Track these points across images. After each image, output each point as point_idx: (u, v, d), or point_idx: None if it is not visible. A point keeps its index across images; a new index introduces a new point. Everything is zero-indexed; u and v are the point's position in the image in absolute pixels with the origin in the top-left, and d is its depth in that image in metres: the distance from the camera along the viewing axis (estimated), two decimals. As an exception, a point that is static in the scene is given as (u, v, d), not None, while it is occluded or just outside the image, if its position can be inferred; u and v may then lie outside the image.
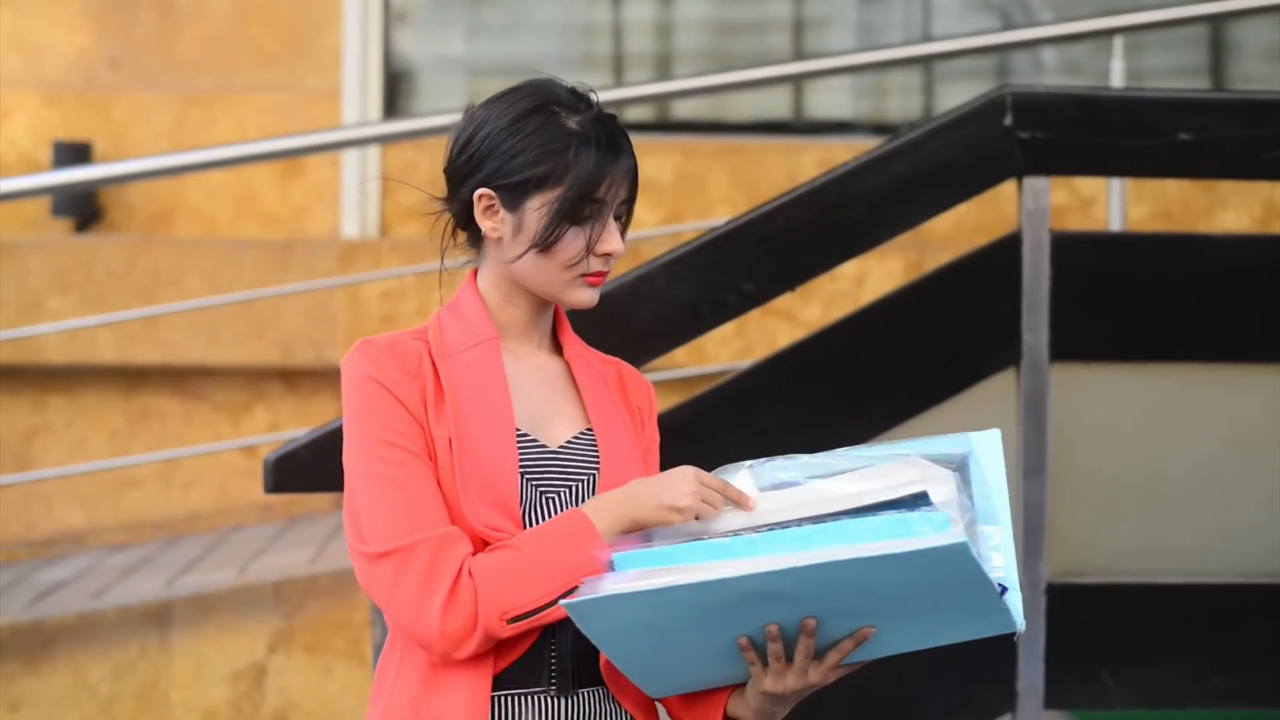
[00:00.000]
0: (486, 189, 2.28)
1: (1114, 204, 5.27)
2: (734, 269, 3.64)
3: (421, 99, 6.77)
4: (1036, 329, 3.70)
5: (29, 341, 5.78)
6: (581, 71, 6.83)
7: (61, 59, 6.51)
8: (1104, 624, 3.73)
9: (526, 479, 2.25)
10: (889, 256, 5.96)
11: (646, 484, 2.20)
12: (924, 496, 2.10)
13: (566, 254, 2.26)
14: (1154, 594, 3.74)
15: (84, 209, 6.41)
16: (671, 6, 6.95)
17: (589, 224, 2.26)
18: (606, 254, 2.28)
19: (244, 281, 5.87)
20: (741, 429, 3.64)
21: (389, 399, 2.24)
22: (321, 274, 5.90)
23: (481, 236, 2.33)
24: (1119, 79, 5.20)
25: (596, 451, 2.30)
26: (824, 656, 2.15)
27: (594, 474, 2.29)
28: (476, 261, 2.36)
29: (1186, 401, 3.77)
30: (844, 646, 2.15)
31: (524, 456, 2.25)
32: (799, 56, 6.77)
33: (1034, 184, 3.70)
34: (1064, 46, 6.75)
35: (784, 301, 5.00)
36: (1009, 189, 3.79)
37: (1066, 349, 3.71)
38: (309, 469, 3.49)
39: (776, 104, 6.86)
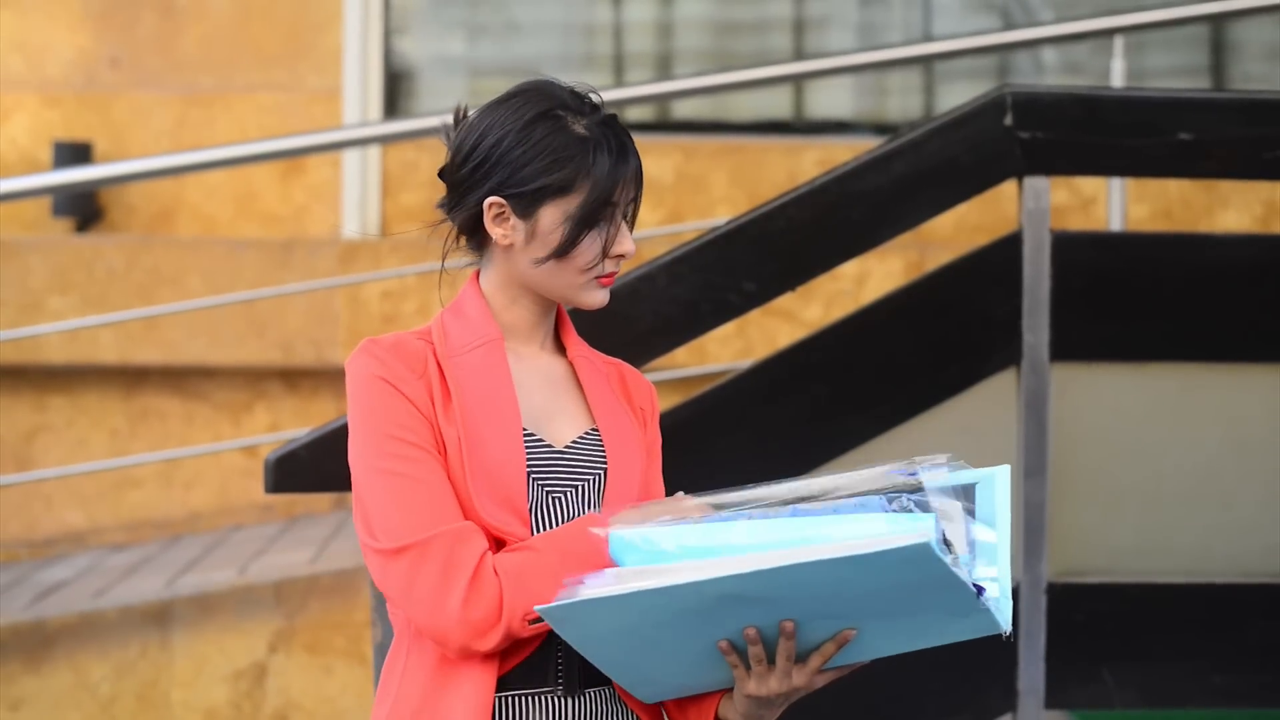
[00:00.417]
0: (497, 198, 2.27)
1: (1114, 204, 5.27)
2: (735, 269, 3.64)
3: (422, 99, 6.77)
4: (1037, 329, 3.70)
5: (29, 341, 5.78)
6: (582, 71, 6.83)
7: (62, 59, 6.51)
8: (1104, 623, 3.73)
9: (533, 479, 2.25)
10: (890, 256, 5.96)
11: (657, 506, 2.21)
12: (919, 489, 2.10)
13: (583, 259, 2.27)
14: (1154, 594, 3.74)
15: (84, 209, 6.41)
16: (672, 6, 6.95)
17: (604, 228, 2.27)
18: (620, 255, 2.29)
19: (244, 281, 5.87)
20: (742, 429, 3.64)
21: (397, 396, 2.23)
22: (322, 274, 5.90)
23: (484, 241, 2.33)
24: (1119, 79, 5.20)
25: (603, 451, 2.30)
26: (807, 659, 2.15)
27: (600, 474, 2.30)
28: (478, 263, 2.36)
29: (1187, 401, 3.77)
30: (826, 649, 2.14)
31: (531, 456, 2.25)
32: (799, 56, 6.77)
33: (1034, 184, 3.70)
34: (1064, 46, 6.75)
35: (785, 301, 5.00)
36: (1009, 189, 3.79)
37: (1067, 349, 3.71)
38: (309, 469, 3.49)
39: (777, 104, 6.86)
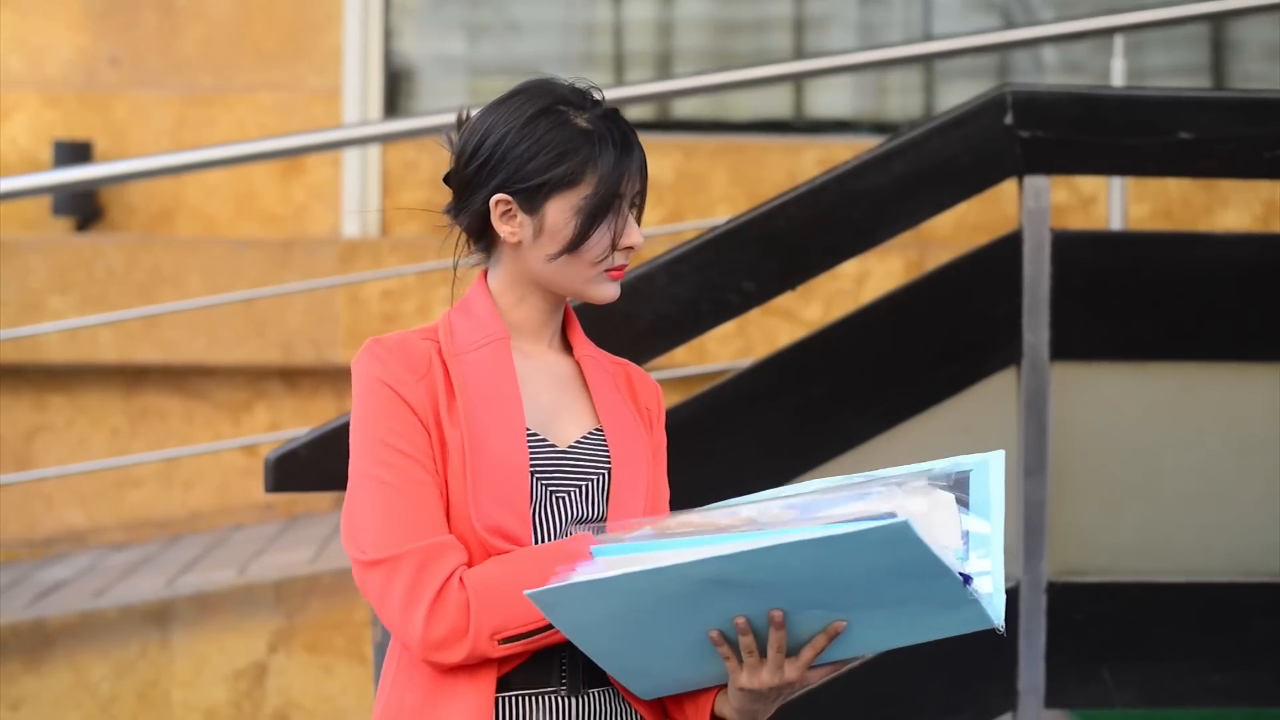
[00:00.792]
0: (504, 194, 2.27)
1: (1115, 203, 5.27)
2: (734, 268, 3.63)
3: (422, 98, 6.77)
4: (1037, 328, 3.70)
5: (29, 341, 5.78)
6: (582, 71, 6.80)
7: (62, 58, 6.51)
8: (1105, 623, 3.73)
9: (537, 479, 2.25)
10: (889, 255, 5.96)
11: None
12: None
13: (593, 252, 2.27)
14: (1154, 593, 3.74)
15: (84, 208, 6.41)
16: (672, 6, 6.95)
17: (611, 220, 2.27)
18: (629, 247, 2.29)
19: (244, 281, 5.87)
20: (742, 428, 3.64)
21: (395, 401, 2.23)
22: (322, 273, 5.90)
23: (492, 241, 2.33)
24: (1120, 78, 5.20)
25: (607, 451, 2.30)
26: (799, 653, 2.15)
27: (604, 473, 2.30)
28: (484, 262, 2.36)
29: (1187, 400, 3.77)
30: (817, 642, 2.14)
31: (534, 456, 2.25)
32: (799, 55, 6.77)
33: (1034, 183, 3.70)
34: (1065, 45, 6.75)
35: (784, 300, 5.00)
36: (1010, 188, 3.79)
37: (1067, 348, 3.71)
38: (309, 468, 3.49)
39: (777, 103, 6.85)
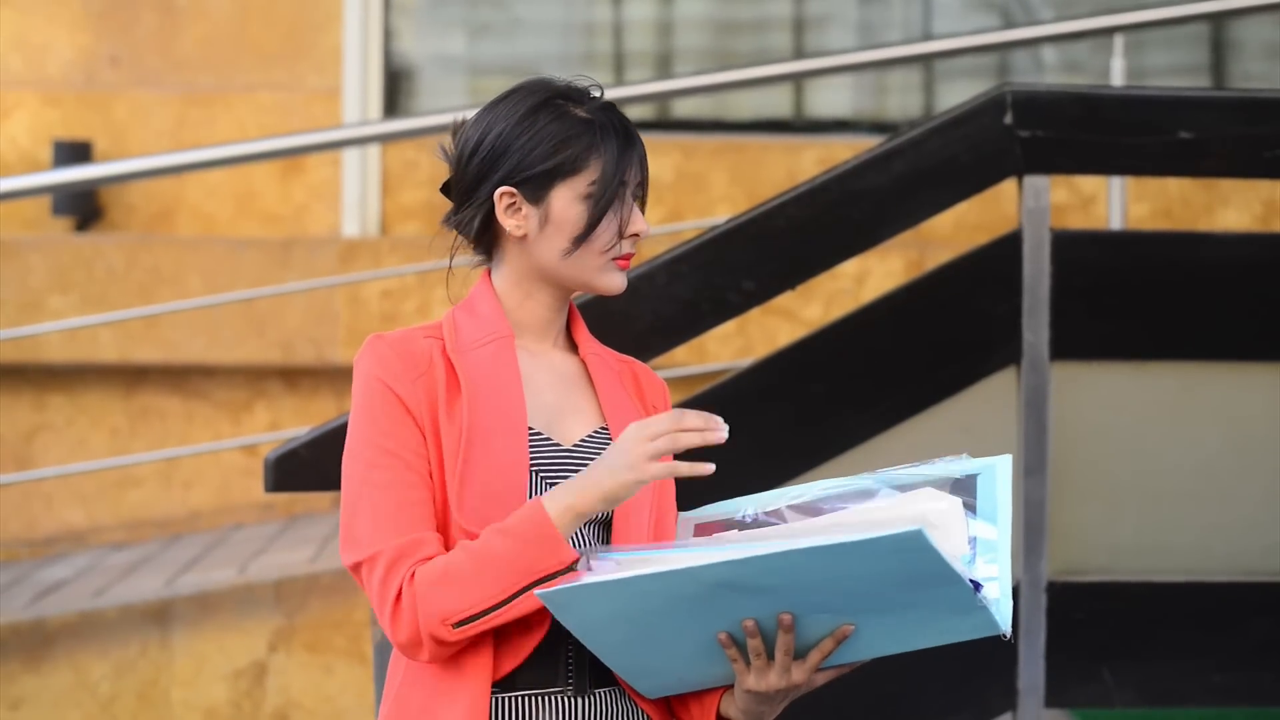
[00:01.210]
0: (508, 187, 2.28)
1: (1114, 202, 5.27)
2: (734, 267, 3.64)
3: (422, 98, 6.77)
4: (1037, 327, 3.70)
5: (29, 340, 5.78)
6: (582, 70, 6.81)
7: (62, 58, 6.51)
8: (1104, 622, 3.73)
9: (540, 477, 2.25)
10: (889, 255, 5.96)
11: (600, 463, 2.17)
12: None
13: (601, 240, 2.27)
14: (1154, 592, 3.74)
15: (84, 208, 6.41)
16: (672, 5, 6.95)
17: (618, 207, 2.28)
18: (635, 235, 2.29)
19: (244, 280, 5.87)
20: (742, 428, 3.62)
21: (390, 400, 2.24)
22: (322, 273, 5.90)
23: (495, 239, 2.33)
24: (1119, 77, 5.20)
25: None
26: (806, 656, 2.15)
27: None
28: (486, 262, 2.36)
29: (1187, 400, 3.77)
30: (825, 646, 2.14)
31: (537, 454, 2.25)
32: (799, 55, 6.77)
33: (1034, 182, 3.70)
34: (1064, 45, 6.75)
35: (784, 300, 4.99)
36: (1009, 187, 3.79)
37: (1067, 347, 3.71)
38: (309, 468, 3.49)
39: (777, 102, 6.85)
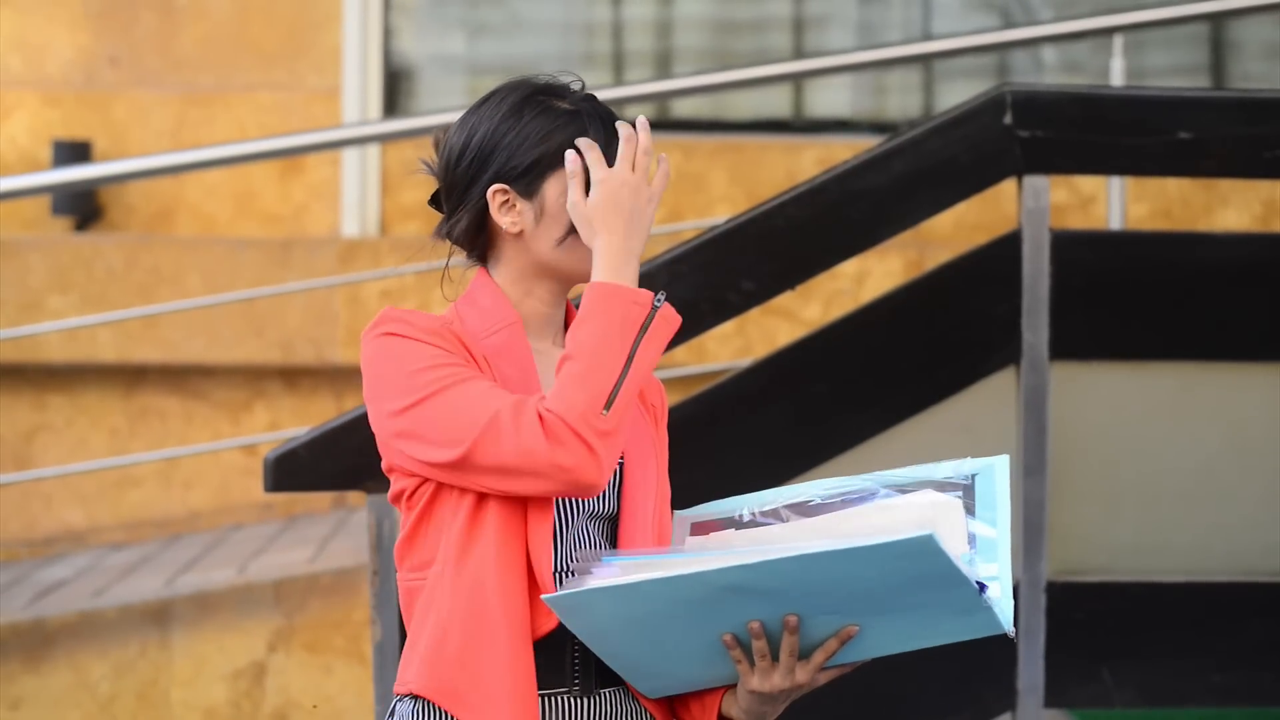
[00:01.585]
0: (500, 184, 2.28)
1: (1114, 202, 5.26)
2: (734, 267, 3.64)
3: (421, 98, 6.77)
4: (1036, 327, 3.70)
5: (29, 340, 5.77)
6: (581, 70, 6.80)
7: (61, 58, 6.51)
8: (1104, 622, 3.73)
9: None
10: (889, 255, 5.96)
11: (613, 217, 2.25)
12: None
13: None
14: (1154, 592, 3.74)
15: (84, 208, 6.41)
16: (671, 5, 6.95)
17: None
18: None
19: (244, 280, 5.87)
20: (742, 427, 3.64)
21: (414, 341, 2.22)
22: (321, 273, 5.90)
23: (491, 241, 2.32)
24: (1119, 77, 5.20)
25: None
26: (810, 656, 2.16)
27: (618, 466, 2.29)
28: (481, 264, 2.36)
29: (1186, 400, 3.77)
30: (829, 646, 2.15)
31: None
32: (799, 55, 6.77)
33: (1034, 182, 3.70)
34: (1064, 45, 6.75)
35: (784, 300, 4.99)
36: (1009, 187, 3.79)
37: (1066, 347, 3.71)
38: (309, 468, 3.49)
39: (776, 102, 6.85)
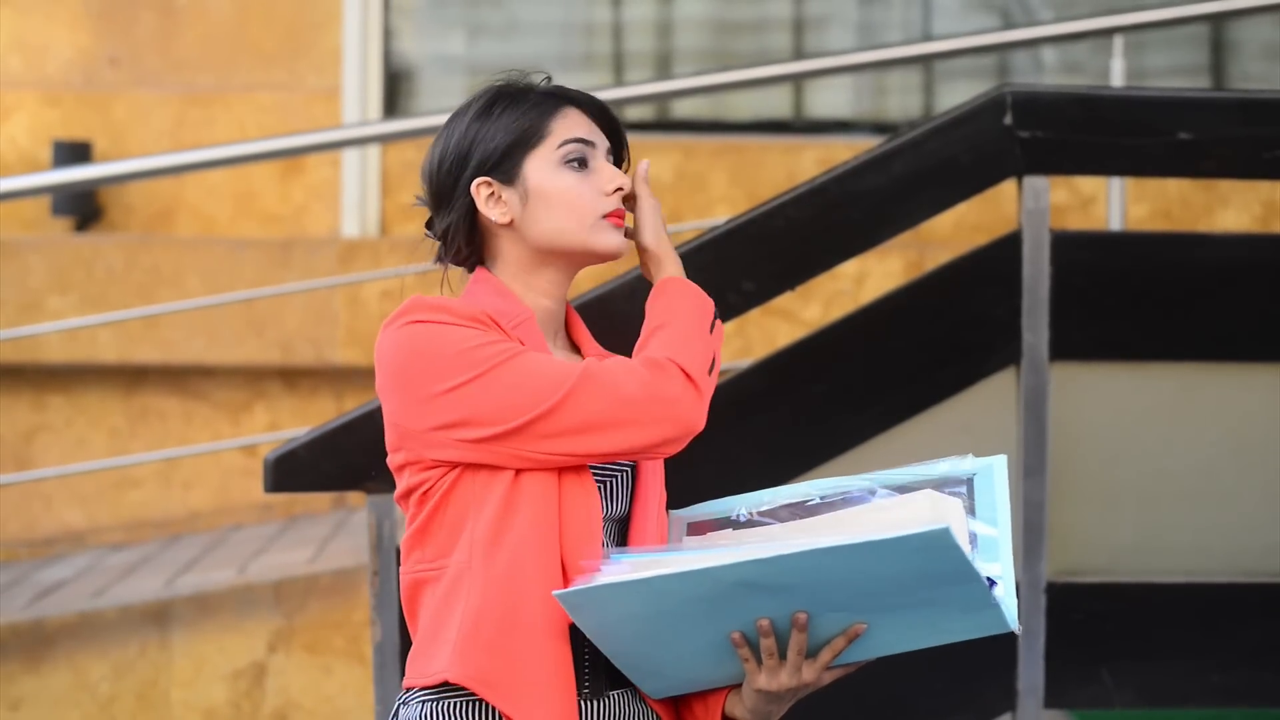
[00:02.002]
0: (482, 178, 2.30)
1: (1114, 203, 5.26)
2: (734, 268, 3.63)
3: (421, 98, 6.77)
4: (1036, 328, 3.69)
5: (29, 341, 5.77)
6: (581, 70, 6.83)
7: (61, 58, 6.51)
8: (1104, 623, 3.72)
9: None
10: (889, 256, 5.96)
11: (653, 241, 2.37)
12: None
13: (585, 197, 2.30)
14: (1154, 593, 3.74)
15: (84, 208, 6.41)
16: (671, 6, 6.95)
17: (591, 163, 2.31)
18: (618, 189, 2.32)
19: (244, 281, 5.87)
20: (741, 428, 3.63)
21: (455, 326, 2.24)
22: (321, 273, 5.90)
23: (485, 240, 2.33)
24: (1119, 78, 5.20)
25: None
26: (817, 654, 2.16)
27: (628, 470, 2.31)
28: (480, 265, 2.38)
29: (1186, 401, 3.77)
30: (836, 644, 2.15)
31: None
32: (799, 56, 6.77)
33: (1034, 183, 3.70)
34: (1064, 46, 6.75)
35: (784, 301, 4.99)
36: (1009, 188, 3.79)
37: (1066, 348, 3.71)
38: (309, 468, 3.49)
39: (776, 103, 6.85)
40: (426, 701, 2.24)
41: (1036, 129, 3.68)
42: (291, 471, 3.49)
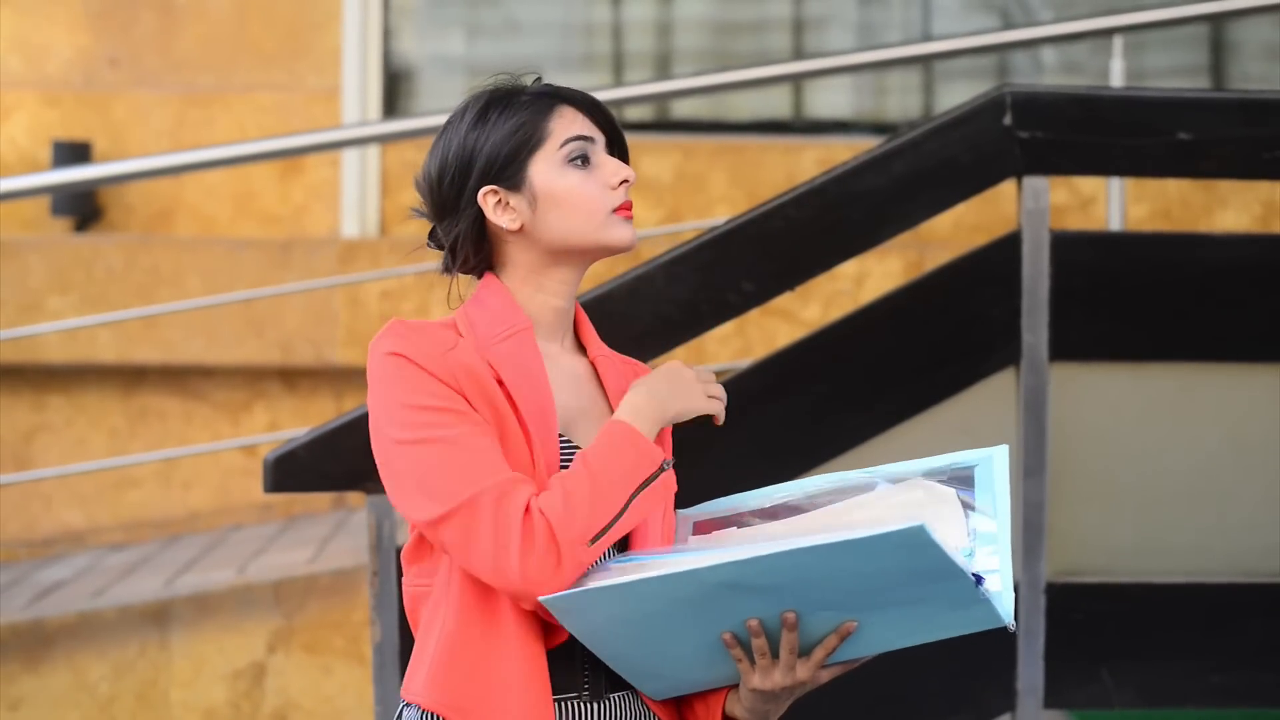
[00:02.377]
0: (488, 186, 2.29)
1: (1114, 203, 5.26)
2: (733, 268, 3.64)
3: (421, 98, 6.77)
4: (1036, 328, 3.70)
5: (29, 341, 5.78)
6: (581, 71, 6.83)
7: (61, 58, 6.51)
8: (1103, 623, 3.73)
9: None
10: (888, 256, 5.96)
11: (653, 389, 2.27)
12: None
13: (593, 193, 2.29)
14: (1153, 593, 3.74)
15: (83, 208, 6.41)
16: (671, 6, 6.95)
17: (594, 159, 2.30)
18: (624, 181, 2.31)
19: (243, 281, 5.87)
20: (741, 428, 3.63)
21: (421, 371, 2.21)
22: (321, 273, 5.90)
23: (494, 247, 2.33)
24: (1119, 78, 5.20)
25: None
26: (810, 653, 2.16)
27: None
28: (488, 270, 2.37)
29: (1186, 401, 3.77)
30: (829, 642, 2.15)
31: (562, 459, 2.25)
32: (798, 56, 6.77)
33: (1034, 183, 3.70)
34: (1064, 46, 6.75)
35: (784, 301, 5.00)
36: (1009, 188, 3.79)
37: (1066, 348, 3.71)
38: (308, 468, 3.49)
39: (776, 103, 6.85)
40: (411, 710, 2.26)
41: (1036, 129, 3.68)
42: (291, 471, 3.49)
